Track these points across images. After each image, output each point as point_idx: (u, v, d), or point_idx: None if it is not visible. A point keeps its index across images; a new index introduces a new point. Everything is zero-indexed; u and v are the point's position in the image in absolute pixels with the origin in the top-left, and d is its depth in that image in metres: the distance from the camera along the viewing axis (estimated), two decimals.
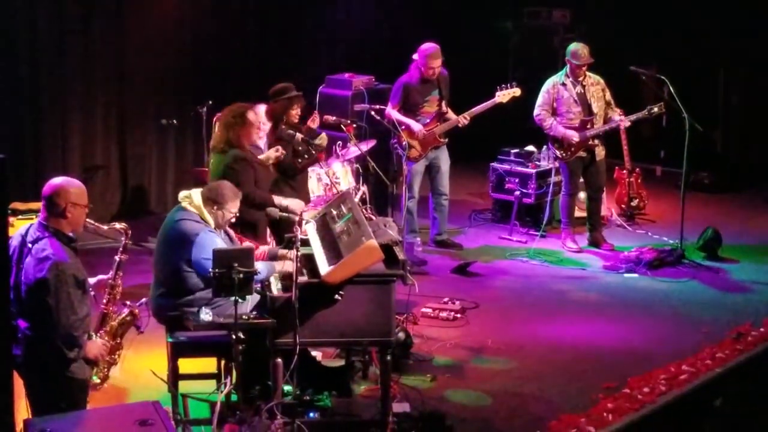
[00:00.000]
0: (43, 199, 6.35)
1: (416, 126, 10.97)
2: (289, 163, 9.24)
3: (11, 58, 10.98)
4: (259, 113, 10.21)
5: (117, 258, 6.75)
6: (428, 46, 10.90)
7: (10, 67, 10.97)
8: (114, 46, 11.74)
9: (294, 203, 8.70)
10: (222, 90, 11.32)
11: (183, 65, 12.07)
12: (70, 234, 6.31)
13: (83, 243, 6.62)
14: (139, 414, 5.62)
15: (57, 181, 6.40)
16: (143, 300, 7.12)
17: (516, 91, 11.07)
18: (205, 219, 7.52)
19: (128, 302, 6.90)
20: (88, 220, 6.47)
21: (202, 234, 7.38)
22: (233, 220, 7.76)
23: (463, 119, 10.98)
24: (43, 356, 6.21)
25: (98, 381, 6.64)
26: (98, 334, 6.59)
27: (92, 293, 6.50)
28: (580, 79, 11.23)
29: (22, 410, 6.62)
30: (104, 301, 6.71)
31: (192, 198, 7.61)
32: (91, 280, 6.55)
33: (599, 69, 11.40)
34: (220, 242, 7.35)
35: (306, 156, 9.31)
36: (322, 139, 9.62)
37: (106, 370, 6.68)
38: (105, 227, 6.81)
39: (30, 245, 6.22)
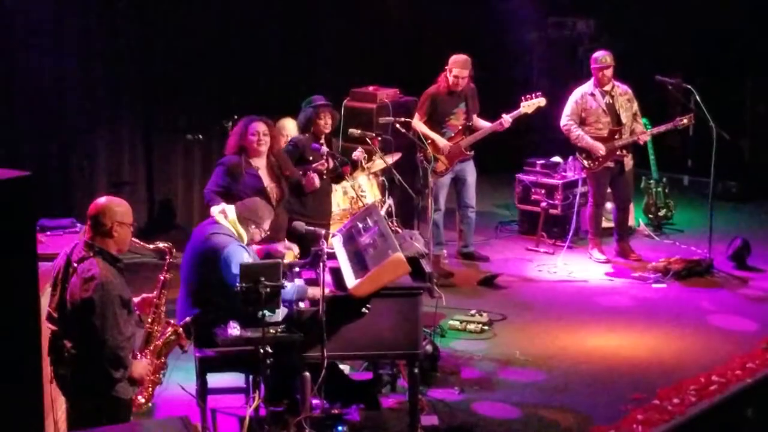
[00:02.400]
0: (89, 218, 6.31)
1: (442, 142, 10.95)
2: (296, 179, 9.19)
3: (36, 75, 11.03)
4: (285, 127, 10.26)
5: (161, 277, 6.70)
6: (457, 56, 10.91)
7: (35, 83, 11.02)
8: (140, 62, 11.78)
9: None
10: (247, 105, 11.32)
11: (209, 80, 12.10)
12: (116, 254, 6.29)
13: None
14: (169, 429, 5.62)
15: (102, 200, 6.37)
16: (187, 319, 7.09)
17: (541, 101, 11.03)
18: (239, 233, 7.54)
19: (172, 321, 6.87)
20: (133, 239, 6.45)
21: (231, 247, 7.39)
22: (265, 236, 7.78)
23: (506, 122, 10.91)
24: (89, 376, 6.19)
25: (143, 401, 6.60)
26: (143, 354, 6.57)
27: (137, 312, 6.48)
28: (608, 88, 11.20)
29: (50, 426, 6.63)
30: (149, 320, 6.67)
31: (227, 213, 7.63)
32: (135, 299, 6.52)
33: (625, 79, 11.38)
34: (248, 257, 7.35)
35: (307, 167, 9.26)
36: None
37: (150, 389, 6.65)
38: (150, 246, 6.77)
39: (75, 264, 6.20)
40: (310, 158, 9.27)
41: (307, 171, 9.18)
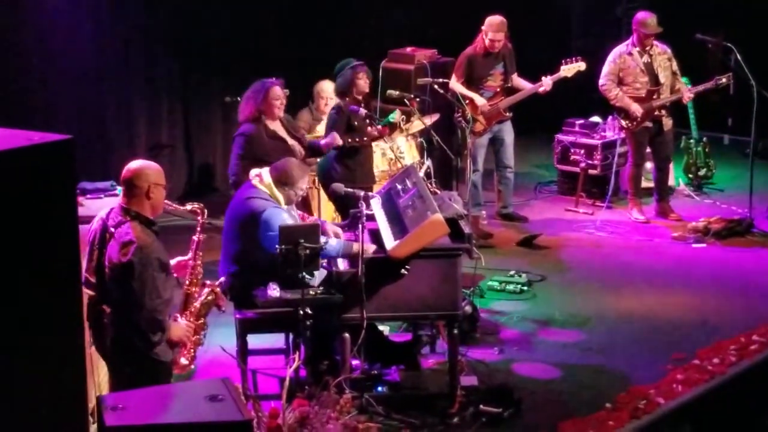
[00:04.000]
0: (123, 183, 6.32)
1: (480, 101, 10.93)
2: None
3: (73, 38, 11.06)
4: (324, 89, 10.28)
5: (195, 238, 6.73)
6: (492, 18, 10.87)
7: (72, 47, 11.06)
8: (177, 22, 11.80)
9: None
10: (284, 66, 11.34)
11: (246, 41, 12.11)
12: (151, 217, 6.30)
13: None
14: (210, 390, 5.65)
15: (135, 164, 6.36)
16: (221, 279, 7.12)
17: (581, 66, 10.99)
18: (275, 197, 7.56)
19: (207, 281, 6.90)
20: (166, 201, 6.47)
21: (269, 211, 7.41)
22: (303, 195, 7.80)
23: (546, 85, 10.90)
24: (128, 340, 6.23)
25: (186, 363, 6.64)
26: (183, 316, 6.61)
27: (174, 275, 6.51)
28: (647, 48, 11.12)
29: (92, 388, 6.70)
30: (186, 282, 6.71)
31: (262, 176, 7.65)
32: (171, 262, 6.55)
33: (664, 38, 11.29)
34: (287, 219, 7.38)
35: (357, 138, 9.26)
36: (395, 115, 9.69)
37: (193, 351, 6.69)
38: (182, 207, 6.79)
39: (112, 230, 6.22)
40: (355, 123, 9.27)
41: (362, 142, 9.22)
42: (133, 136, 11.74)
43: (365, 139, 9.33)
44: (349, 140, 9.23)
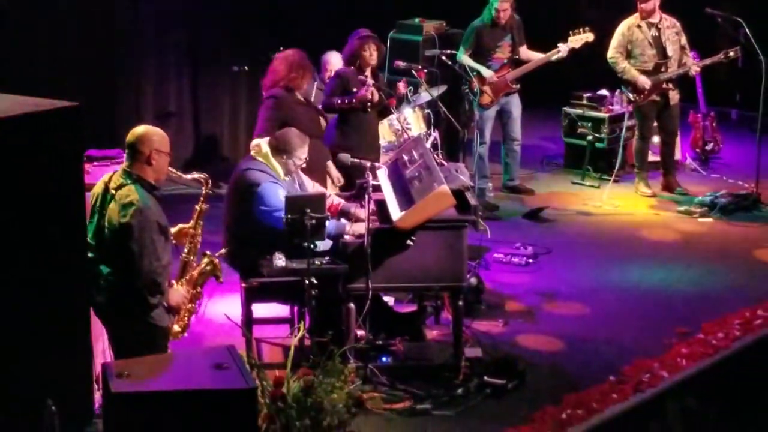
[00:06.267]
0: (127, 146, 6.36)
1: (487, 73, 10.89)
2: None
3: (83, 4, 11.04)
4: (330, 61, 10.25)
5: (197, 207, 6.75)
6: None
7: (82, 15, 11.04)
8: None
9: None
10: (292, 36, 11.30)
11: (254, 11, 12.08)
12: (153, 182, 6.34)
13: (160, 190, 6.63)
14: (215, 358, 5.69)
15: (140, 129, 6.42)
16: (222, 250, 7.13)
17: (589, 36, 10.95)
18: (273, 168, 7.56)
19: (208, 252, 6.92)
20: (170, 168, 6.49)
21: (264, 185, 7.42)
22: (303, 165, 7.79)
23: (565, 50, 10.87)
24: (125, 302, 6.27)
25: (179, 329, 6.67)
26: (179, 283, 6.63)
27: (173, 242, 6.53)
28: (654, 20, 11.08)
29: (99, 354, 6.73)
30: (185, 250, 6.73)
31: (260, 147, 7.65)
32: (172, 229, 6.58)
33: (673, 11, 11.25)
34: (282, 193, 7.37)
35: (346, 100, 9.15)
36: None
37: (186, 319, 6.72)
38: (186, 176, 6.81)
39: (113, 191, 6.26)
40: (354, 89, 9.24)
41: (351, 101, 9.14)
42: (141, 103, 11.72)
43: (354, 101, 9.20)
44: (338, 101, 9.15)
